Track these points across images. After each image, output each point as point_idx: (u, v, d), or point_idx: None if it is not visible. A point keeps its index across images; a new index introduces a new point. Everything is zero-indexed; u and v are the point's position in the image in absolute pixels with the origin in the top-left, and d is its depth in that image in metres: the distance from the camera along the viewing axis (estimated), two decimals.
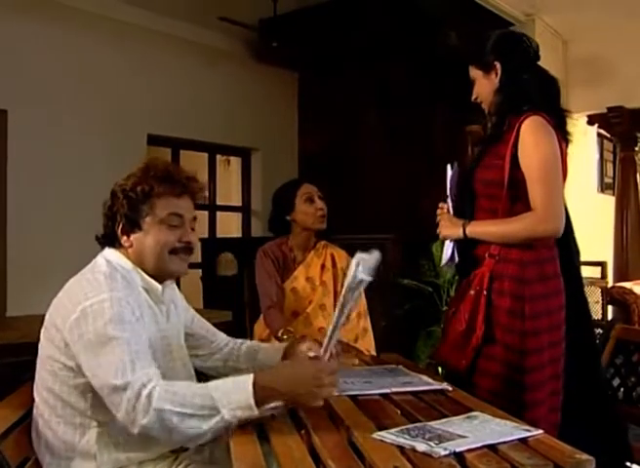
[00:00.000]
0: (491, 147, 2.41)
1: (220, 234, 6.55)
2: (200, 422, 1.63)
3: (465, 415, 1.71)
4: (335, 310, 1.80)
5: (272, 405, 1.69)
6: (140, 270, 1.94)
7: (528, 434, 1.56)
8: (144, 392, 1.64)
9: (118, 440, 1.82)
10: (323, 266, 3.35)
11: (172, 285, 2.12)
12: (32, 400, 1.92)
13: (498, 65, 2.42)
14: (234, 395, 1.65)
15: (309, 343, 2.14)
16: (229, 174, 7.04)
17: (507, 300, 2.27)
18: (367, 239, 5.50)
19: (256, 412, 1.65)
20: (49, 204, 4.76)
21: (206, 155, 6.43)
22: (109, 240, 1.97)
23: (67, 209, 4.84)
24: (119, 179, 1.98)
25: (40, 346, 1.90)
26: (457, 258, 2.48)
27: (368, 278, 1.72)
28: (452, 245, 2.50)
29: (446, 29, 5.33)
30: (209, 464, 1.94)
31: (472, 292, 2.31)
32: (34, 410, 1.91)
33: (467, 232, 2.37)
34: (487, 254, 2.32)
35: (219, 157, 6.74)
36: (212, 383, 1.71)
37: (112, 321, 1.73)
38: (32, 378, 2.02)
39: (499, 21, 5.59)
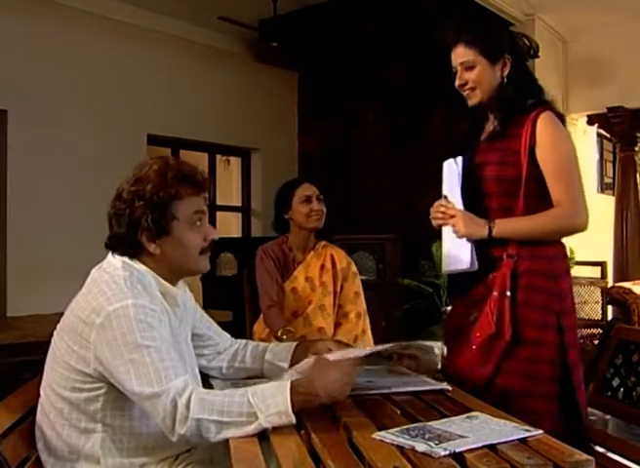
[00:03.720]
0: (496, 143, 2.34)
1: (219, 234, 6.54)
2: (238, 429, 1.64)
3: (465, 415, 1.71)
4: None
5: None
6: (155, 274, 1.92)
7: (528, 434, 1.55)
8: (181, 401, 1.65)
9: (122, 445, 1.82)
10: (322, 267, 3.36)
11: (184, 286, 2.12)
12: (36, 398, 1.92)
13: (508, 59, 2.36)
14: (271, 400, 1.66)
15: (329, 344, 2.19)
16: (229, 174, 7.04)
17: (540, 297, 2.24)
18: (367, 239, 5.53)
19: (292, 419, 1.66)
20: (49, 204, 4.76)
21: (206, 155, 6.43)
22: (128, 248, 1.91)
23: (67, 209, 4.84)
24: (125, 184, 1.92)
25: (53, 348, 1.88)
26: (477, 264, 2.30)
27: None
28: (471, 246, 2.30)
29: (443, 28, 5.32)
30: (209, 464, 1.94)
31: (496, 294, 2.22)
32: (39, 409, 1.90)
33: (495, 232, 2.26)
34: (505, 255, 2.25)
35: (218, 157, 6.74)
36: (249, 389, 1.70)
37: (140, 329, 1.72)
38: (34, 378, 2.03)
39: (498, 21, 5.59)
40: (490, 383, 2.23)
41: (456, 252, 2.35)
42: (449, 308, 5.17)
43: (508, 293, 2.21)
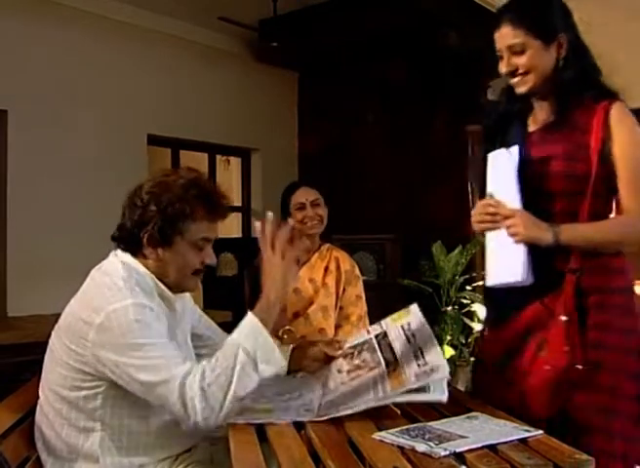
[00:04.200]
0: (556, 134, 2.02)
1: (219, 234, 6.54)
2: (230, 373, 1.68)
3: (465, 416, 1.72)
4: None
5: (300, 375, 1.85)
6: (153, 276, 1.92)
7: (528, 434, 1.56)
8: (188, 381, 1.68)
9: (121, 444, 1.83)
10: (327, 269, 3.36)
11: None
12: (36, 398, 1.93)
13: (564, 38, 2.04)
14: (241, 328, 1.78)
15: (322, 347, 2.18)
16: (229, 174, 7.04)
17: (618, 317, 1.93)
18: (367, 239, 5.53)
19: (267, 336, 1.76)
20: (49, 204, 4.75)
21: (206, 155, 6.42)
22: (129, 244, 1.93)
23: (67, 209, 4.84)
24: (149, 180, 1.94)
25: (51, 348, 1.89)
26: (531, 276, 1.91)
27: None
28: (524, 254, 1.91)
29: (446, 29, 5.33)
30: (209, 465, 1.94)
31: (564, 318, 1.87)
32: (38, 409, 1.91)
33: (563, 237, 1.88)
34: (568, 269, 1.91)
35: (218, 157, 6.73)
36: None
37: (140, 328, 1.73)
38: (33, 378, 2.03)
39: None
40: (558, 419, 1.89)
41: (507, 261, 1.94)
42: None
43: (577, 315, 1.89)
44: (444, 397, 1.76)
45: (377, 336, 1.92)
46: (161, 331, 1.79)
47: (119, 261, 1.91)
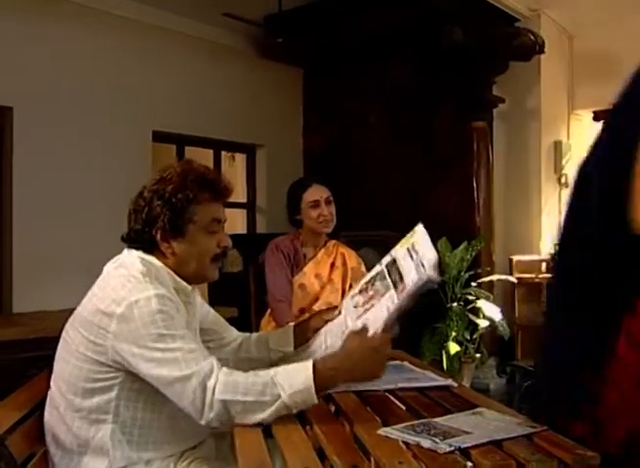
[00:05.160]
0: None
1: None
2: (261, 408, 1.67)
3: (470, 411, 1.72)
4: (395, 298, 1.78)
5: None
6: (169, 270, 1.93)
7: (533, 430, 1.55)
8: (210, 383, 1.67)
9: (132, 437, 1.83)
10: (333, 265, 3.37)
11: None
12: (42, 393, 1.93)
13: None
14: (294, 379, 1.69)
15: (324, 315, 2.18)
16: (234, 170, 7.04)
17: None
18: (372, 235, 5.52)
19: (314, 399, 1.69)
20: (55, 200, 4.76)
21: (211, 152, 6.43)
22: (144, 244, 1.93)
23: (73, 205, 4.85)
24: (148, 183, 1.95)
25: (66, 340, 1.89)
26: None
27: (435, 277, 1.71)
28: None
29: (450, 25, 5.32)
30: (214, 460, 1.95)
31: None
32: (48, 402, 1.91)
33: None
34: None
35: (223, 153, 6.73)
36: (272, 369, 1.73)
37: (162, 319, 1.74)
38: (40, 373, 2.04)
39: (503, 17, 5.58)
40: None
41: None
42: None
43: None
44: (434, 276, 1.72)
45: (387, 265, 1.90)
46: (182, 324, 1.80)
47: (136, 256, 1.91)
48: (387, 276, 1.88)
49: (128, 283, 1.80)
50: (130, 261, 1.90)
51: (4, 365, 3.44)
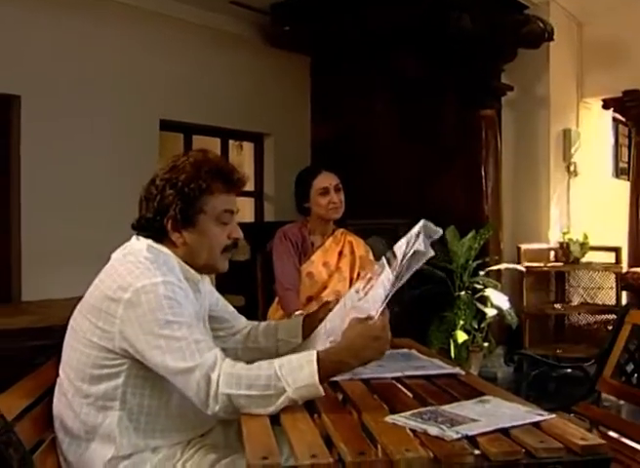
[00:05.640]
0: None
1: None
2: (267, 401, 1.66)
3: (478, 399, 1.71)
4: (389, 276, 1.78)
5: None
6: (178, 259, 1.92)
7: (540, 418, 1.55)
8: (213, 376, 1.66)
9: (139, 424, 1.83)
10: (341, 253, 3.37)
11: None
12: (50, 381, 1.94)
13: None
14: (299, 373, 1.67)
15: (330, 306, 2.16)
16: (242, 159, 7.04)
17: None
18: (380, 224, 5.51)
19: (320, 391, 1.68)
20: (62, 190, 4.77)
21: (218, 140, 6.42)
22: (154, 232, 1.92)
23: (81, 194, 4.86)
24: (160, 171, 1.94)
25: (74, 327, 1.89)
26: None
27: (429, 251, 1.71)
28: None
29: (458, 12, 5.28)
30: (222, 448, 1.95)
31: None
32: (57, 389, 1.92)
33: None
34: None
35: (231, 142, 6.73)
36: (276, 362, 1.71)
37: (169, 305, 1.73)
38: (48, 361, 2.04)
39: (512, 4, 5.54)
40: None
41: None
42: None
43: None
44: (429, 251, 1.72)
45: (387, 256, 1.90)
46: (190, 312, 1.79)
47: (144, 243, 1.91)
48: (385, 261, 1.88)
49: (136, 269, 1.80)
50: (138, 248, 1.90)
51: (12, 353, 3.45)
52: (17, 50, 4.57)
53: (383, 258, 1.89)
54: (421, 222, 1.74)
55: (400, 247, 1.79)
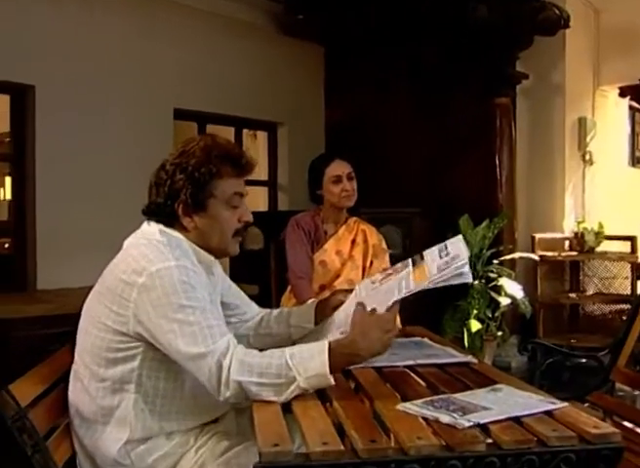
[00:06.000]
0: None
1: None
2: (278, 390, 1.67)
3: (490, 387, 1.71)
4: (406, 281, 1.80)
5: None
6: (190, 242, 1.93)
7: (553, 407, 1.55)
8: (225, 362, 1.68)
9: (154, 407, 1.85)
10: (354, 241, 3.36)
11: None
12: (65, 367, 1.96)
13: None
14: (310, 363, 1.68)
15: (339, 296, 2.18)
16: (256, 148, 7.03)
17: None
18: (394, 213, 5.50)
19: (331, 381, 1.69)
20: (77, 179, 4.79)
21: (232, 129, 6.42)
22: (165, 217, 1.93)
23: (96, 183, 4.87)
24: (170, 156, 1.95)
25: (89, 312, 1.91)
26: None
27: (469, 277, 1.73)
28: None
29: (475, 1, 5.24)
30: (235, 435, 1.96)
31: None
32: (72, 374, 1.94)
33: None
34: None
35: (245, 131, 6.73)
36: (287, 351, 1.72)
37: (183, 289, 1.74)
38: (62, 348, 2.06)
39: None
40: None
41: None
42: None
43: None
44: (469, 277, 1.73)
45: (413, 258, 1.92)
46: (204, 296, 1.80)
47: (155, 228, 1.92)
48: (410, 261, 1.89)
49: (150, 253, 1.81)
50: (150, 232, 1.91)
51: (28, 340, 3.48)
52: (30, 40, 4.58)
53: (409, 260, 1.90)
54: (460, 236, 1.80)
55: (431, 252, 1.84)
